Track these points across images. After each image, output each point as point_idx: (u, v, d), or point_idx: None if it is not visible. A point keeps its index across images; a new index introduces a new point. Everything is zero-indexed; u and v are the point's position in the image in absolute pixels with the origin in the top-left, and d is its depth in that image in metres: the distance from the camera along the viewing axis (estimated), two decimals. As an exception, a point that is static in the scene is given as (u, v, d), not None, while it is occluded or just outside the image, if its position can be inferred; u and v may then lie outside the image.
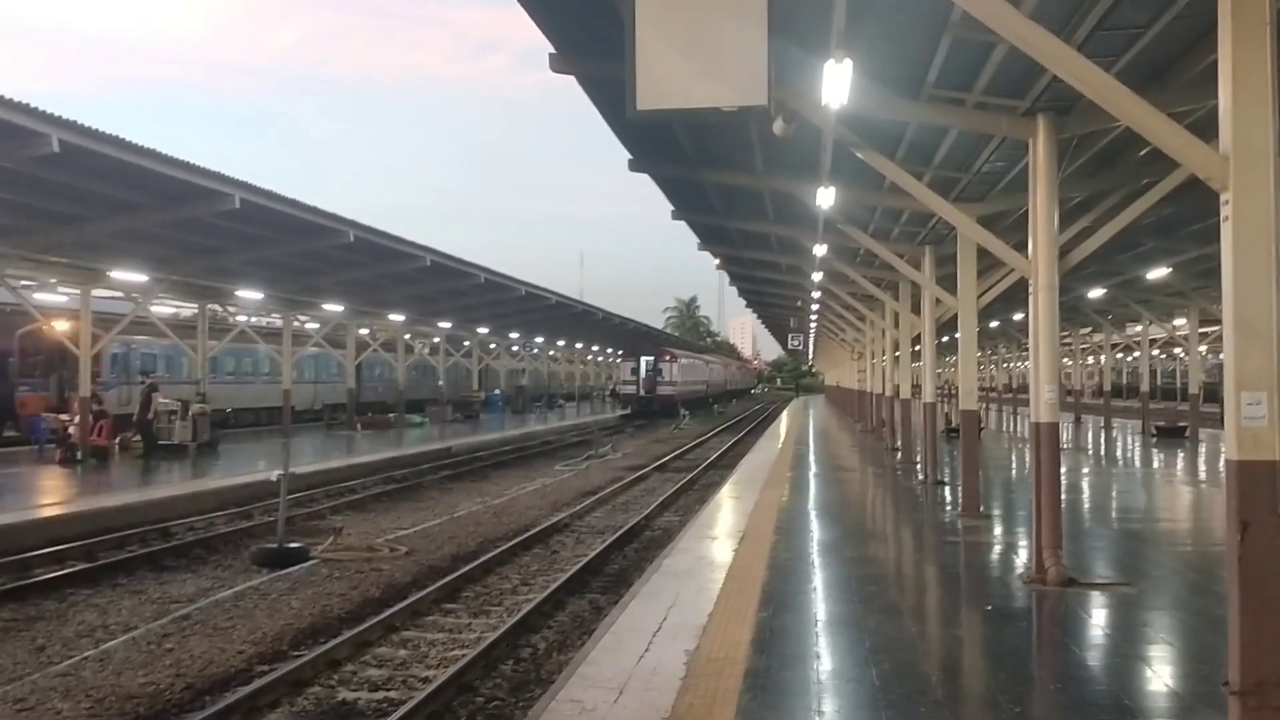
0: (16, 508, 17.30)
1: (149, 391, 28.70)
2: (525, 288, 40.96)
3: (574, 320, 56.57)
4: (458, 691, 8.80)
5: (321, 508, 20.27)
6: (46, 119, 15.29)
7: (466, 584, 13.28)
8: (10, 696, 8.59)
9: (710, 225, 24.00)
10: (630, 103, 6.88)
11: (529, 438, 41.02)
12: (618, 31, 7.39)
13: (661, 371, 66.04)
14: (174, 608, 11.91)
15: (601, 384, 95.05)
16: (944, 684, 7.86)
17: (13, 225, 20.84)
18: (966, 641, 9.30)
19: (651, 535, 17.68)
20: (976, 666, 8.56)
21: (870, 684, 7.62)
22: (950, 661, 8.66)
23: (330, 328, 41.62)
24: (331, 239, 24.90)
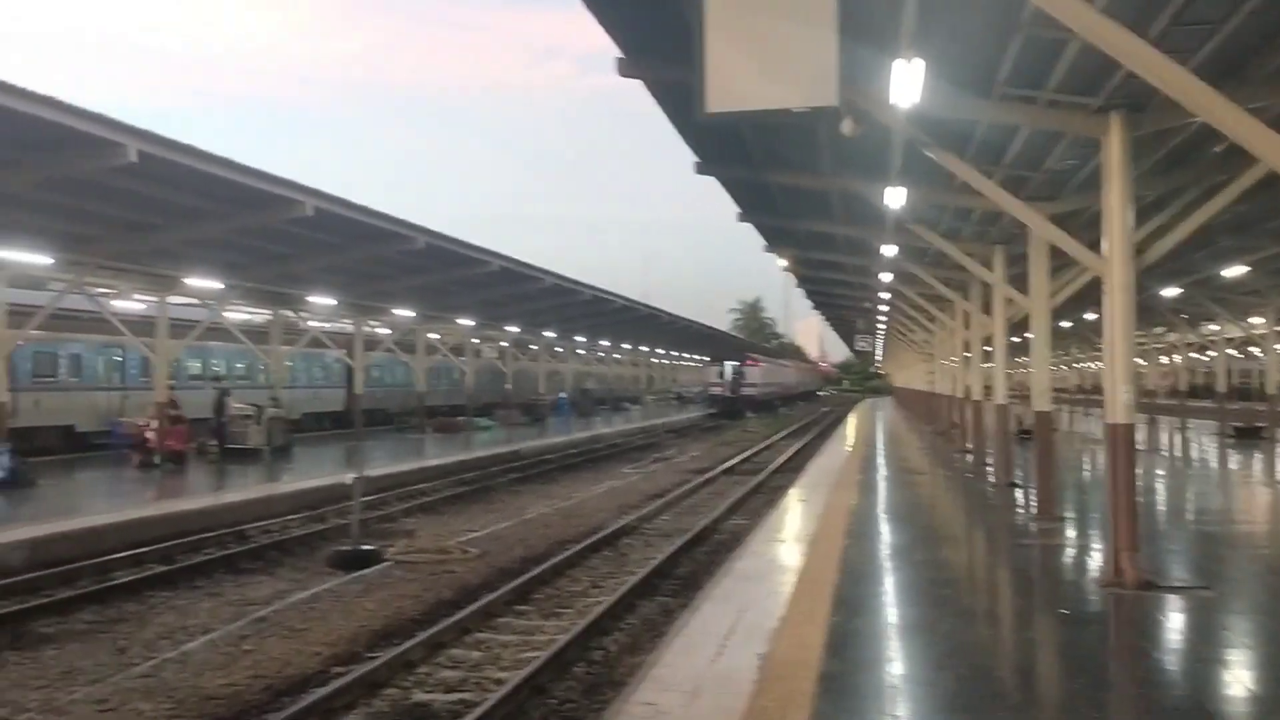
0: (96, 511, 17.72)
1: (221, 396, 29.27)
2: (590, 291, 41.15)
3: (639, 323, 56.68)
4: (531, 693, 8.85)
5: (394, 510, 20.50)
6: (124, 130, 15.64)
7: (537, 586, 13.36)
8: (93, 697, 8.79)
9: (777, 227, 23.92)
10: (699, 106, 6.91)
11: (595, 440, 41.14)
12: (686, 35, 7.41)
13: (745, 375, 73.31)
14: (251, 610, 12.10)
15: (666, 386, 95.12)
16: (1020, 688, 7.76)
17: (92, 234, 21.34)
18: (1042, 645, 9.18)
19: (720, 538, 17.65)
20: (1053, 671, 8.44)
21: (945, 688, 7.54)
22: (1026, 666, 8.55)
23: (400, 333, 42.08)
24: (401, 245, 25.19)
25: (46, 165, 16.09)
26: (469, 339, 48.41)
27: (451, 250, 27.56)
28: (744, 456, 34.89)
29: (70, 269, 23.11)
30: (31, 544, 14.68)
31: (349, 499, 16.62)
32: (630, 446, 40.26)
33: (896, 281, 28.29)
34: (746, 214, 22.02)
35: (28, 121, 14.14)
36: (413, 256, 26.67)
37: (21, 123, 14.17)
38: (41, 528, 15.67)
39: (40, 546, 14.73)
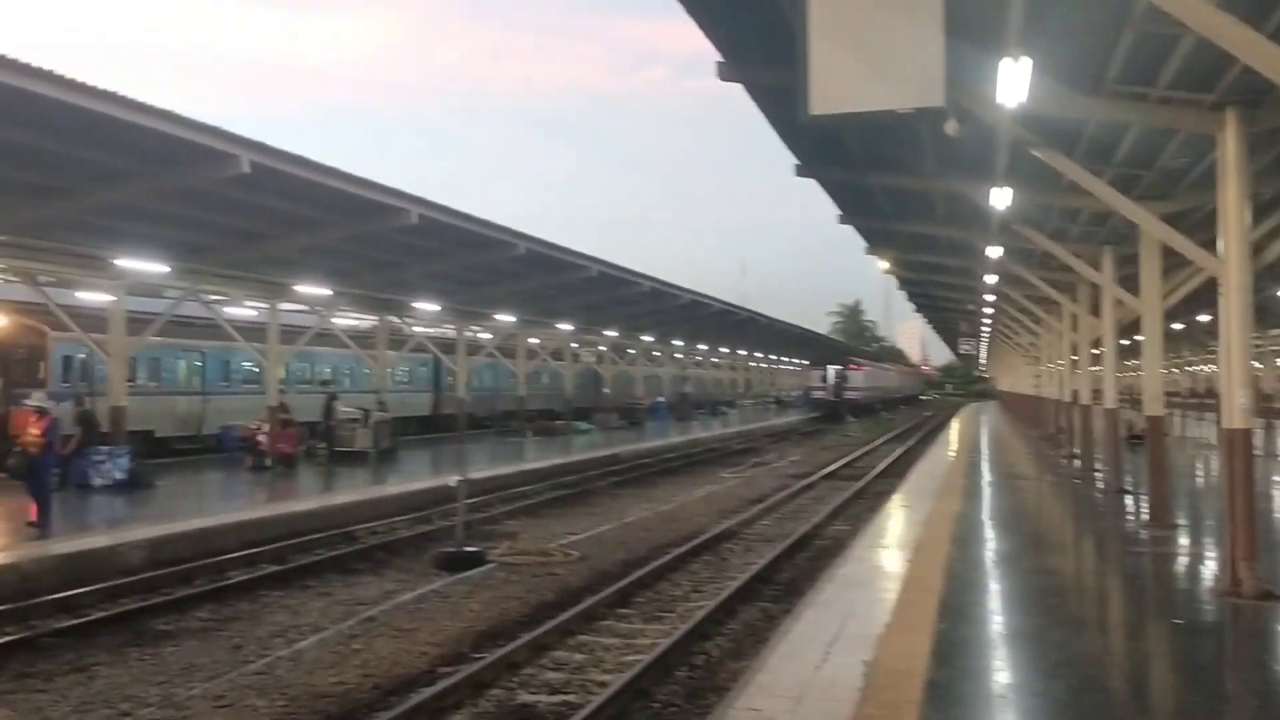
0: (211, 512, 18.28)
1: (330, 400, 29.99)
2: (688, 295, 41.16)
3: (737, 327, 56.51)
4: (634, 697, 8.89)
5: (497, 512, 20.75)
6: (237, 141, 16.11)
7: (639, 590, 13.41)
8: (211, 693, 9.05)
9: (878, 229, 23.69)
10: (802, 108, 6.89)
11: (694, 444, 41.12)
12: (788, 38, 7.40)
13: (848, 378, 75.26)
14: (360, 609, 12.35)
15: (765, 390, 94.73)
16: (1134, 699, 7.59)
17: (206, 243, 22.02)
18: (1156, 656, 8.95)
19: (822, 544, 17.51)
20: (1168, 682, 8.22)
21: (1056, 698, 7.40)
22: (1139, 676, 8.35)
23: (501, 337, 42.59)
24: (503, 251, 25.51)
25: (164, 176, 16.65)
26: (568, 343, 48.78)
27: (551, 256, 27.82)
28: (845, 461, 34.55)
29: (186, 277, 23.85)
30: (150, 544, 15.20)
31: (452, 501, 16.88)
32: (729, 451, 40.16)
33: (1001, 283, 27.79)
34: (847, 216, 21.85)
35: (147, 134, 14.66)
36: (513, 262, 27.00)
37: (141, 136, 14.70)
38: (159, 528, 16.23)
39: (159, 546, 15.25)
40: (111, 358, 23.45)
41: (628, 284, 34.65)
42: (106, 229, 19.79)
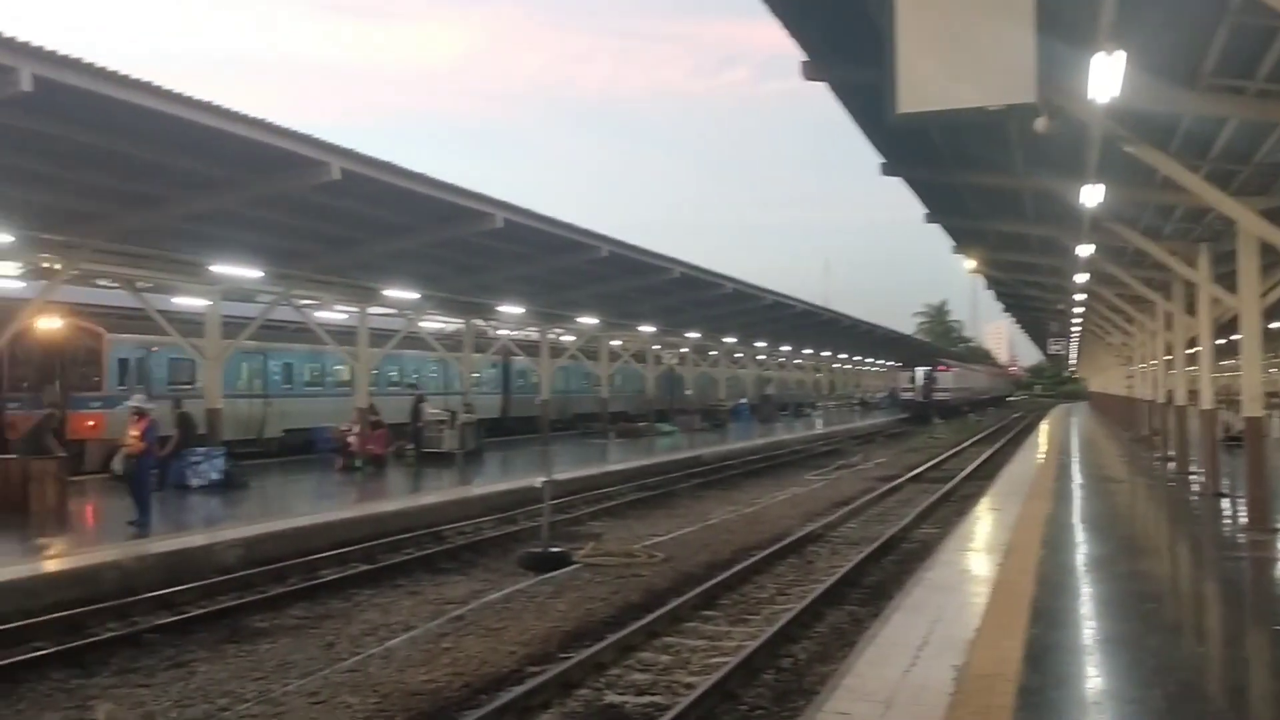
0: (303, 513, 18.67)
1: (417, 402, 30.44)
2: (771, 296, 41.00)
3: (820, 328, 56.16)
4: (721, 699, 8.88)
5: (580, 514, 20.87)
6: (328, 148, 16.45)
7: (723, 592, 13.38)
8: (305, 690, 9.23)
9: (965, 228, 23.38)
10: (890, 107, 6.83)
11: (777, 446, 40.92)
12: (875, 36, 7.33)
13: (937, 380, 75.46)
14: (449, 608, 12.51)
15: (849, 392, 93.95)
16: (1234, 708, 7.38)
17: (298, 249, 22.50)
18: (1256, 664, 8.71)
19: (909, 547, 17.32)
20: (1270, 691, 7.98)
21: (1153, 706, 7.24)
22: (1240, 685, 8.12)
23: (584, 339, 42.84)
24: (586, 254, 25.68)
25: (258, 183, 17.06)
26: (650, 345, 48.90)
27: (634, 258, 27.93)
28: (932, 463, 34.12)
29: (279, 282, 24.38)
30: (246, 543, 15.57)
31: (538, 502, 17.02)
32: (813, 453, 39.90)
33: (1092, 282, 27.23)
34: (934, 215, 21.60)
35: (242, 143, 15.04)
36: (597, 265, 27.17)
37: (236, 144, 15.08)
38: (254, 528, 16.63)
39: (254, 545, 15.60)
40: (208, 361, 24.02)
41: (710, 285, 34.63)
42: (202, 235, 20.31)
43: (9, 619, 11.44)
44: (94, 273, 24.26)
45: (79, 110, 13.37)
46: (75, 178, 16.28)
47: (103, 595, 12.70)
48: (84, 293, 27.10)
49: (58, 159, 15.37)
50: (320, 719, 8.42)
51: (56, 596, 12.41)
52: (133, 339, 26.21)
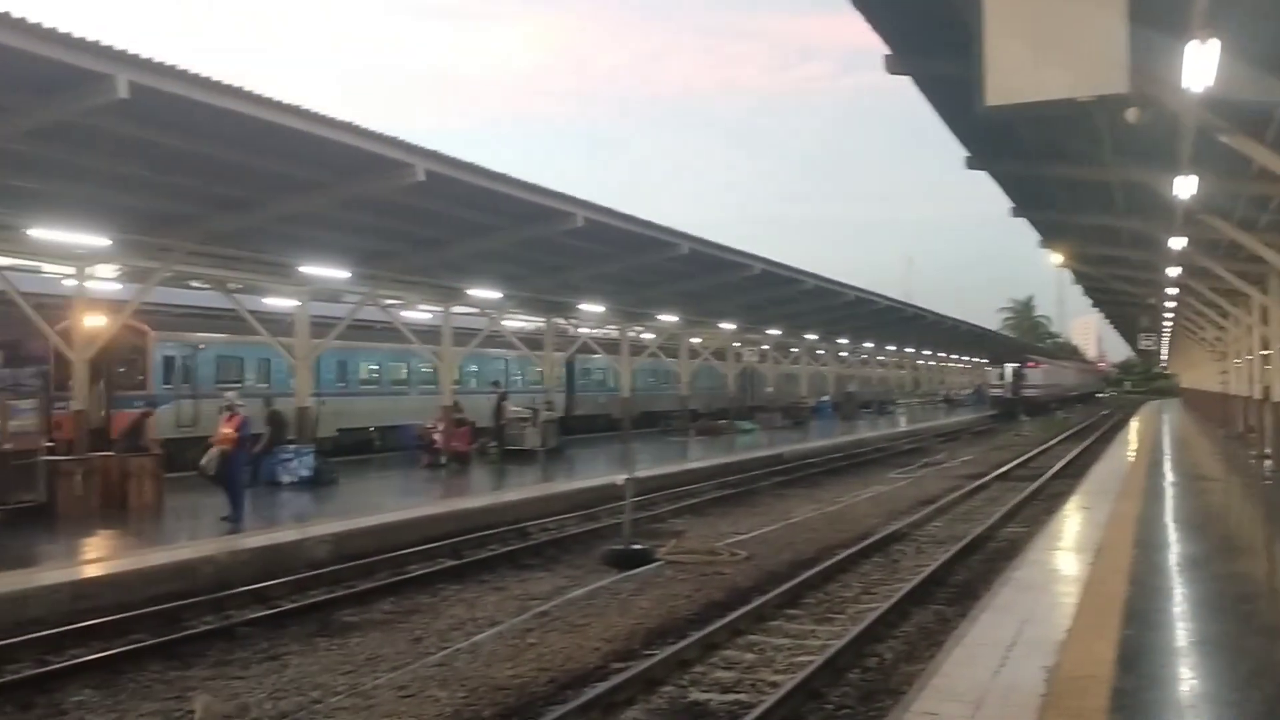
0: (391, 509, 18.97)
1: (500, 400, 30.74)
2: (853, 292, 40.66)
3: (903, 324, 55.55)
4: (806, 698, 8.84)
5: (662, 511, 20.90)
6: (413, 150, 16.69)
7: (807, 590, 13.30)
8: (394, 684, 9.37)
9: (1052, 221, 22.97)
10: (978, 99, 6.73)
11: (860, 444, 40.56)
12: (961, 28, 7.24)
13: (1026, 376, 75.80)
14: (533, 604, 12.60)
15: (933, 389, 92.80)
16: (1341, 715, 7.14)
17: (384, 250, 22.87)
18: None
19: (996, 546, 17.06)
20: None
21: (1252, 709, 7.07)
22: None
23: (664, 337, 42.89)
24: (666, 252, 25.72)
25: (346, 186, 17.37)
26: (730, 343, 48.78)
27: (714, 255, 27.90)
28: (1019, 461, 33.54)
29: (365, 282, 24.79)
30: (335, 538, 15.86)
31: (619, 499, 17.08)
32: (896, 451, 39.47)
33: (1185, 275, 26.57)
34: (1020, 209, 21.25)
35: (329, 146, 15.35)
36: (676, 262, 27.19)
37: (324, 147, 15.39)
38: (343, 523, 16.93)
39: (343, 540, 15.89)
40: (298, 360, 24.49)
41: (790, 282, 34.45)
42: (291, 237, 20.74)
43: (110, 612, 11.80)
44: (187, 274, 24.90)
45: (173, 116, 13.75)
46: (169, 181, 16.73)
47: (198, 589, 13.03)
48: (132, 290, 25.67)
49: (152, 163, 15.81)
50: (409, 713, 8.53)
51: (155, 590, 12.77)
52: (178, 337, 25.72)
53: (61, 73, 11.89)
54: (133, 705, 8.92)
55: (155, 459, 19.47)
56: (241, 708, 8.72)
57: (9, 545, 14.92)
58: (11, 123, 13.07)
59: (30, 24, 11.05)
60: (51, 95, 12.54)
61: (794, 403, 55.19)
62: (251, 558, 14.42)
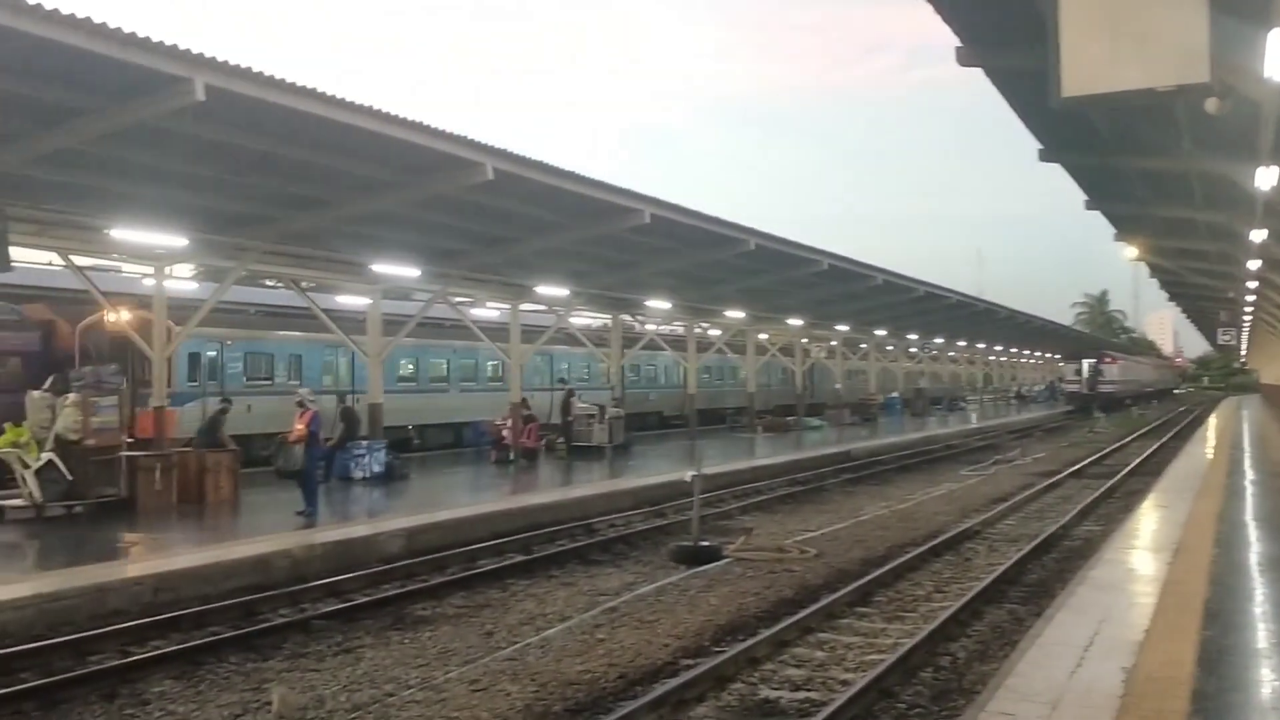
0: (461, 504, 19.17)
1: (567, 397, 30.90)
2: (923, 287, 40.24)
3: (973, 320, 54.86)
4: (878, 696, 8.78)
5: (730, 508, 20.88)
6: (482, 149, 16.82)
7: (878, 588, 13.19)
8: (466, 677, 9.46)
9: (1127, 214, 22.54)
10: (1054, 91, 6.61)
11: (930, 441, 40.16)
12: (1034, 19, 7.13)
13: (1102, 372, 75.65)
14: (602, 600, 12.65)
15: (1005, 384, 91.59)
16: None
17: (454, 248, 23.09)
18: None
19: (1071, 545, 16.78)
20: None
21: (1341, 714, 6.86)
22: None
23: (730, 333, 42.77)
24: (732, 248, 25.65)
25: (416, 185, 17.56)
26: (798, 339, 48.53)
27: (781, 251, 27.77)
28: (1093, 458, 32.97)
29: (435, 281, 25.03)
30: (407, 533, 16.06)
31: (686, 496, 17.08)
32: (967, 448, 39.01)
33: (1265, 269, 25.90)
34: (1094, 202, 20.87)
35: (400, 146, 15.52)
36: (744, 258, 27.08)
37: (396, 147, 15.58)
38: (415, 518, 17.15)
39: (415, 535, 16.08)
40: (369, 358, 24.80)
41: (859, 277, 34.19)
42: (362, 236, 21.01)
43: (190, 604, 12.07)
44: (261, 273, 25.36)
45: (248, 117, 13.99)
46: (244, 182, 17.02)
47: (275, 582, 13.29)
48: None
49: (228, 164, 16.10)
50: (481, 706, 8.61)
51: (232, 583, 13.03)
52: (203, 333, 23.88)
53: (142, 77, 12.15)
54: (212, 696, 9.10)
55: (232, 454, 19.87)
56: (317, 700, 8.86)
57: (92, 539, 15.33)
58: (94, 125, 13.38)
59: (111, 29, 11.30)
60: (132, 98, 12.81)
61: (862, 399, 54.79)
62: (326, 552, 14.65)
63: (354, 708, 8.63)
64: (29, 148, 13.95)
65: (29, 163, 14.47)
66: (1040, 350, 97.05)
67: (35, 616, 11.06)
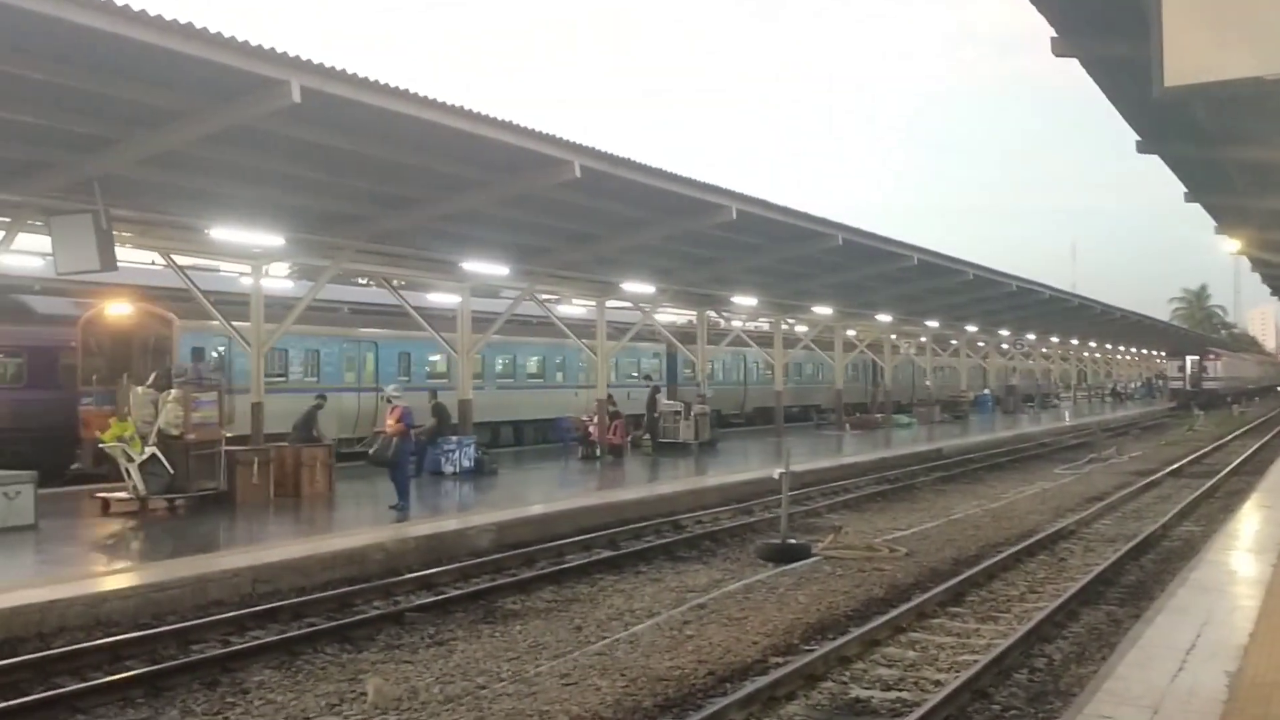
0: (549, 500, 19.33)
1: (653, 393, 30.95)
2: (1015, 282, 39.50)
3: (1067, 315, 53.70)
4: (972, 697, 8.65)
5: (818, 506, 20.75)
6: (570, 147, 16.90)
7: (971, 588, 13.02)
8: (556, 671, 9.53)
9: (1229, 206, 21.82)
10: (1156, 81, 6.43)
11: (1022, 439, 39.48)
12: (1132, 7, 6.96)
13: (1206, 369, 77.73)
14: (690, 596, 12.66)
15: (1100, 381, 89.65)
16: None
17: (541, 246, 23.24)
18: None
19: (1170, 546, 16.38)
20: None
21: None
22: None
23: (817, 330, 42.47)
24: (820, 243, 25.42)
25: (505, 183, 17.71)
26: (887, 335, 47.99)
27: (869, 245, 27.46)
28: (1192, 457, 32.12)
29: (522, 278, 25.24)
30: (497, 527, 16.24)
31: (774, 493, 16.99)
32: (1061, 446, 38.28)
33: (1378, 262, 24.98)
34: (1194, 194, 20.26)
35: (489, 145, 15.66)
36: (831, 253, 26.83)
37: (485, 146, 15.72)
38: (504, 513, 17.35)
39: (504, 530, 16.26)
40: (460, 354, 25.09)
41: (950, 272, 33.67)
42: (451, 234, 21.26)
43: (287, 595, 12.35)
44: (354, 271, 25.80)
45: (342, 118, 14.23)
46: (337, 182, 17.31)
47: (369, 575, 13.53)
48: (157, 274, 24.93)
49: (322, 165, 16.39)
50: (571, 700, 8.67)
51: (328, 575, 13.31)
52: (208, 326, 22.71)
53: (239, 79, 12.43)
54: (309, 685, 9.28)
55: (327, 449, 20.26)
56: (411, 691, 9.00)
57: (194, 531, 15.77)
58: (194, 128, 13.72)
59: (212, 34, 11.58)
60: (231, 101, 13.10)
61: (953, 396, 54.05)
62: (418, 545, 14.88)
63: (447, 699, 8.74)
64: (132, 151, 14.34)
65: (132, 165, 14.89)
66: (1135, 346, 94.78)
67: (141, 606, 11.41)
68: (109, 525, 16.37)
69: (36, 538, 15.02)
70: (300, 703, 8.78)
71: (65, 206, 15.16)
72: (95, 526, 16.25)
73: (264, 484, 18.71)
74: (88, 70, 12.06)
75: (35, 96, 12.70)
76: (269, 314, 21.62)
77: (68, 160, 14.66)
